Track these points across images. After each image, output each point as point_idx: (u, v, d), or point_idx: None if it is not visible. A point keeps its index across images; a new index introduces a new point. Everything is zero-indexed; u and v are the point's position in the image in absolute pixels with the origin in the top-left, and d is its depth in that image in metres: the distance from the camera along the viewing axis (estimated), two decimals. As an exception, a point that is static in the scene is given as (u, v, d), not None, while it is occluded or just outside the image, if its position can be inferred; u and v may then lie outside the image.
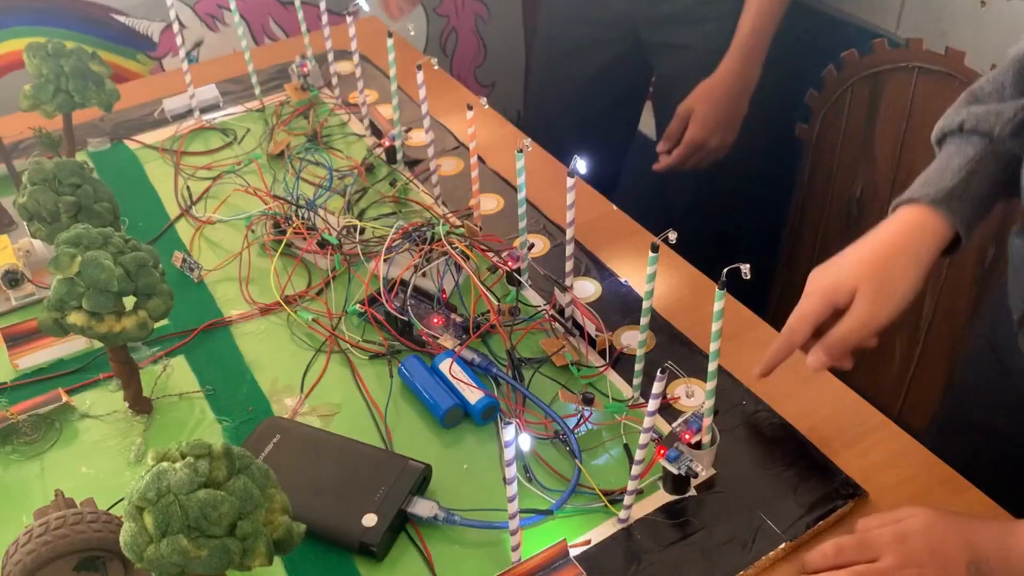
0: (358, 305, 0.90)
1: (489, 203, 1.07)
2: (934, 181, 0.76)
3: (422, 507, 0.71)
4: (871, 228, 1.47)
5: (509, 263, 0.93)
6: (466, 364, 0.83)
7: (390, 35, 1.01)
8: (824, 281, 0.74)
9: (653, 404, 0.63)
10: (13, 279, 0.92)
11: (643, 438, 0.65)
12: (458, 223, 1.01)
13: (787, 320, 0.75)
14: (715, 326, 0.67)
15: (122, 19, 1.56)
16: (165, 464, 0.52)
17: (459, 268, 0.91)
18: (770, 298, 1.78)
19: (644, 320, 0.75)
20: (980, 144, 0.76)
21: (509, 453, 0.58)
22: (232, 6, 1.19)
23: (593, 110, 1.49)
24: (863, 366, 1.66)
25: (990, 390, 0.90)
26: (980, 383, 0.93)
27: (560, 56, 1.49)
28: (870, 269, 0.73)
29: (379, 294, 0.89)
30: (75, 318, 0.71)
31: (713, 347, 0.67)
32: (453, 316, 0.89)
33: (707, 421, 0.72)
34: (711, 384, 0.69)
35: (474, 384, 0.81)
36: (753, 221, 1.70)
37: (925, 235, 0.74)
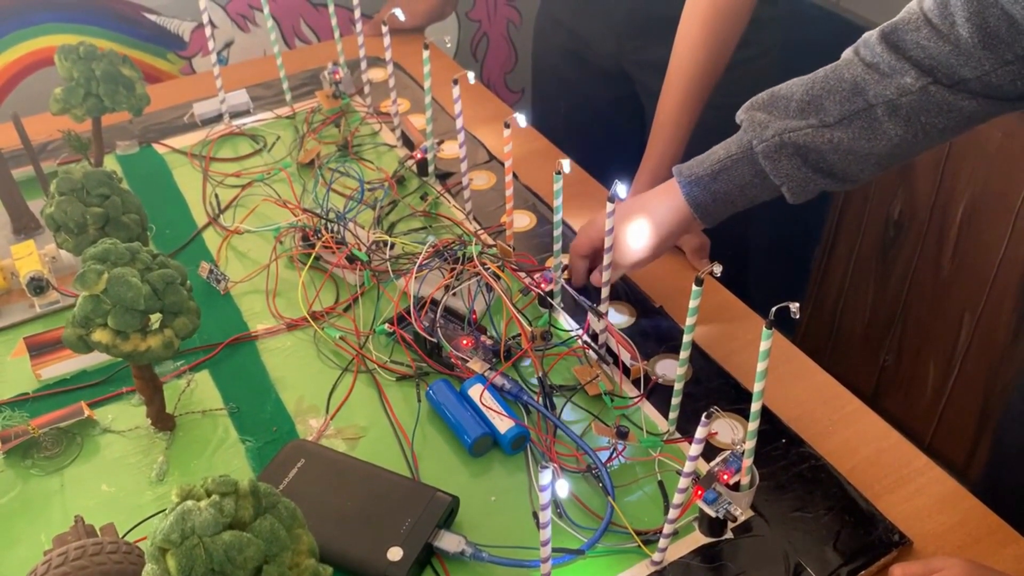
0: (386, 325, 0.88)
1: (521, 220, 1.05)
2: (696, 163, 0.85)
3: (449, 541, 0.69)
4: (907, 252, 1.46)
5: (542, 285, 0.90)
6: (496, 390, 0.81)
7: (426, 47, 0.99)
8: (597, 222, 0.91)
9: (696, 448, 0.60)
10: (38, 286, 0.91)
11: (683, 482, 0.63)
12: (491, 242, 0.99)
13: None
14: (760, 366, 0.64)
15: (153, 18, 1.55)
16: (190, 503, 0.50)
17: (490, 289, 0.89)
18: (800, 317, 1.75)
19: (684, 354, 0.73)
20: (744, 147, 0.81)
21: (545, 497, 0.56)
22: (265, 11, 1.17)
23: (594, 143, 1.37)
24: (895, 393, 1.63)
25: None
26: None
27: (555, 93, 1.41)
28: (622, 223, 0.87)
29: (408, 313, 0.87)
30: (100, 336, 0.69)
31: (757, 387, 0.65)
32: (483, 338, 0.86)
33: (747, 462, 0.69)
34: (753, 424, 0.67)
35: (504, 412, 0.78)
36: (784, 238, 1.67)
37: (668, 208, 0.86)
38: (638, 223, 0.87)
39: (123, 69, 1.02)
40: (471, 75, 0.95)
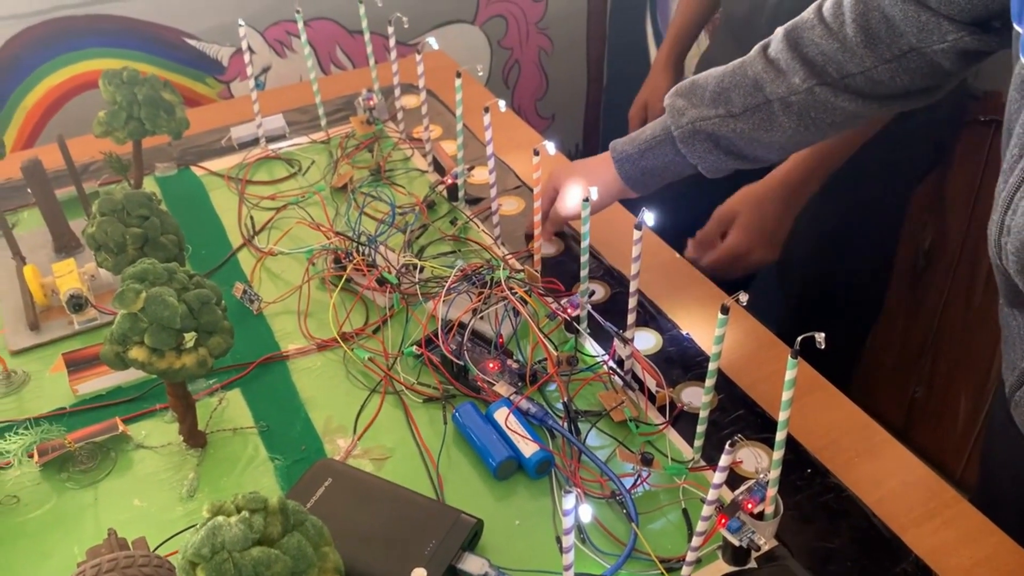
0: (414, 347, 0.90)
1: (549, 246, 1.06)
2: (628, 141, 0.95)
3: (472, 564, 0.70)
4: (939, 283, 1.47)
5: (568, 310, 0.91)
6: (521, 414, 0.82)
7: (458, 75, 1.01)
8: (555, 176, 1.02)
9: (719, 476, 0.61)
10: (77, 304, 0.93)
11: (706, 510, 0.63)
12: (518, 267, 1.00)
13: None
14: (786, 395, 0.64)
15: (193, 43, 1.59)
16: (220, 518, 0.51)
17: (517, 313, 0.90)
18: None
19: (709, 382, 0.73)
20: (665, 130, 0.91)
21: (568, 522, 0.56)
22: (303, 38, 1.20)
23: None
24: (925, 425, 1.62)
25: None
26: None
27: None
28: (566, 180, 0.99)
29: (436, 336, 0.88)
30: (136, 353, 0.71)
31: (783, 416, 0.65)
32: (509, 362, 0.87)
33: (771, 492, 0.69)
34: (778, 454, 0.67)
35: (529, 436, 0.79)
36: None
37: (605, 178, 0.96)
38: (578, 187, 0.99)
39: (164, 94, 1.05)
40: (502, 103, 0.96)
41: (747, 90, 0.86)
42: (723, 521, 0.68)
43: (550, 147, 0.92)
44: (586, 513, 0.57)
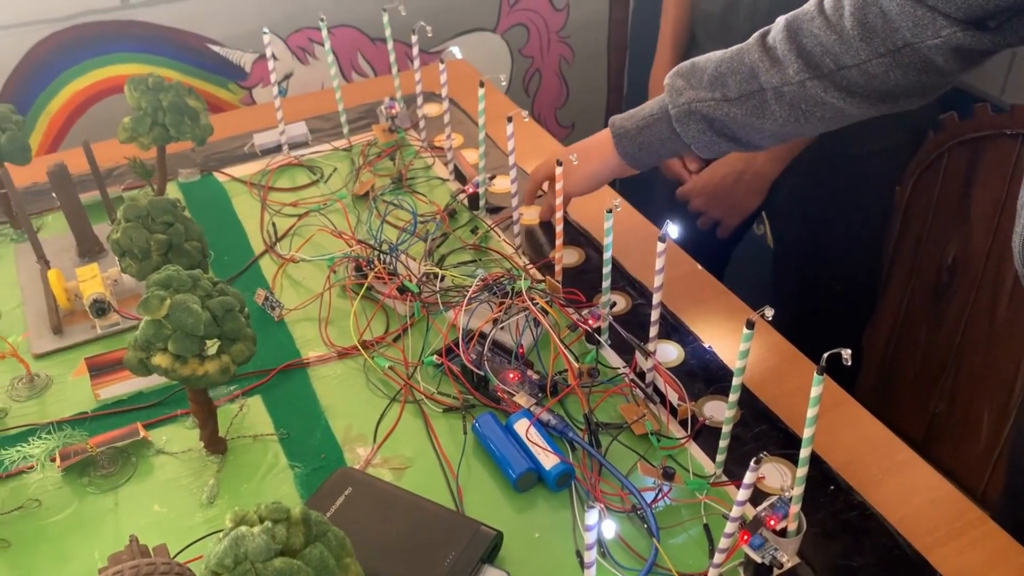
0: (435, 356, 0.89)
1: (570, 256, 1.06)
2: (627, 117, 0.98)
3: (492, 577, 0.69)
4: (962, 297, 1.48)
5: (590, 321, 0.91)
6: (542, 426, 0.81)
7: (481, 84, 1.01)
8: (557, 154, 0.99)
9: (744, 494, 0.60)
10: (100, 308, 0.94)
11: (729, 527, 0.63)
12: (539, 277, 1.00)
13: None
14: (811, 412, 0.63)
15: (216, 49, 1.60)
16: (243, 528, 0.51)
17: (538, 324, 0.90)
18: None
19: (733, 397, 0.73)
20: (663, 108, 0.94)
21: (590, 538, 0.56)
22: (326, 45, 1.21)
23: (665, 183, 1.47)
24: (945, 441, 1.60)
25: None
26: None
27: None
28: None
29: (456, 345, 0.88)
30: (160, 359, 0.71)
31: (807, 433, 0.64)
32: (530, 373, 0.87)
33: (795, 508, 0.68)
34: (802, 471, 0.66)
35: (549, 448, 0.79)
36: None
37: (604, 154, 1.00)
38: (580, 163, 1.02)
39: (189, 100, 1.06)
40: (525, 114, 0.96)
41: (743, 76, 0.88)
42: (745, 537, 0.68)
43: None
44: (610, 529, 0.57)
